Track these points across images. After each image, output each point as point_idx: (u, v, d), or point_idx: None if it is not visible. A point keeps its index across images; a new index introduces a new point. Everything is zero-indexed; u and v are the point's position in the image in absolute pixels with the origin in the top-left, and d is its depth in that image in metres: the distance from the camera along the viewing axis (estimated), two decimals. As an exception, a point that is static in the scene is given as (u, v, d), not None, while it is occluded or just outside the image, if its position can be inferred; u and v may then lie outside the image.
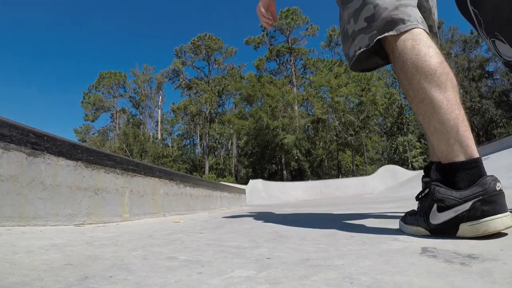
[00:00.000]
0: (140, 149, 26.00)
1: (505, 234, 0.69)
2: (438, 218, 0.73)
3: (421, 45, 0.78)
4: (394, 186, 8.95)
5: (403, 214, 0.95)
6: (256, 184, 11.68)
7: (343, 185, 12.71)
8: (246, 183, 13.68)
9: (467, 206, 0.68)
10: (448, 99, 0.74)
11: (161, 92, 32.90)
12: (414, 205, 1.85)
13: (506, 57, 1.28)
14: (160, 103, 32.77)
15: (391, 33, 0.81)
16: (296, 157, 23.43)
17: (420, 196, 0.83)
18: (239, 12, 53.08)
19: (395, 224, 1.08)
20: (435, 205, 0.74)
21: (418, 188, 1.05)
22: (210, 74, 31.34)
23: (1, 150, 1.03)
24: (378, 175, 13.24)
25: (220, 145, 32.86)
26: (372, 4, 0.85)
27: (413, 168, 21.87)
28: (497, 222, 0.66)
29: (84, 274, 0.55)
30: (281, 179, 22.83)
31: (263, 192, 10.95)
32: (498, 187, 0.68)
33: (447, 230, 0.72)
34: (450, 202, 0.71)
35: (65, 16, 49.78)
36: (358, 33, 0.89)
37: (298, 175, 23.98)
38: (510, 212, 0.69)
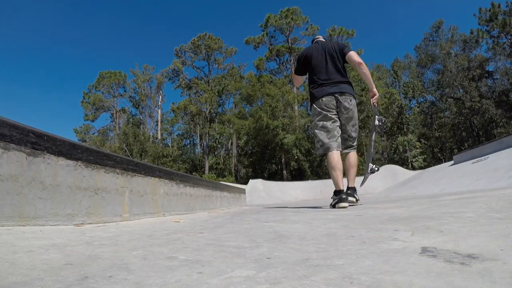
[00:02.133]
0: (140, 149, 25.94)
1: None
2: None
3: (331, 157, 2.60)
4: (394, 186, 8.96)
5: (403, 214, 0.95)
6: (256, 184, 11.68)
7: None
8: (246, 183, 13.67)
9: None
10: (335, 174, 2.54)
11: (161, 92, 32.87)
12: (414, 205, 1.85)
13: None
14: (160, 103, 32.75)
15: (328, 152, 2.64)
16: (296, 157, 23.38)
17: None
18: (239, 12, 53.10)
19: (395, 224, 1.08)
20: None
21: (418, 188, 1.04)
22: (210, 74, 31.29)
23: (1, 150, 1.03)
24: (378, 175, 13.20)
25: (220, 145, 32.84)
26: (317, 139, 2.70)
27: (413, 168, 21.84)
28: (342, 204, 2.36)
29: (84, 274, 0.55)
30: (281, 179, 22.81)
31: (263, 192, 10.95)
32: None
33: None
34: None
35: (65, 15, 49.80)
36: (316, 145, 2.74)
37: (298, 175, 23.94)
38: None
